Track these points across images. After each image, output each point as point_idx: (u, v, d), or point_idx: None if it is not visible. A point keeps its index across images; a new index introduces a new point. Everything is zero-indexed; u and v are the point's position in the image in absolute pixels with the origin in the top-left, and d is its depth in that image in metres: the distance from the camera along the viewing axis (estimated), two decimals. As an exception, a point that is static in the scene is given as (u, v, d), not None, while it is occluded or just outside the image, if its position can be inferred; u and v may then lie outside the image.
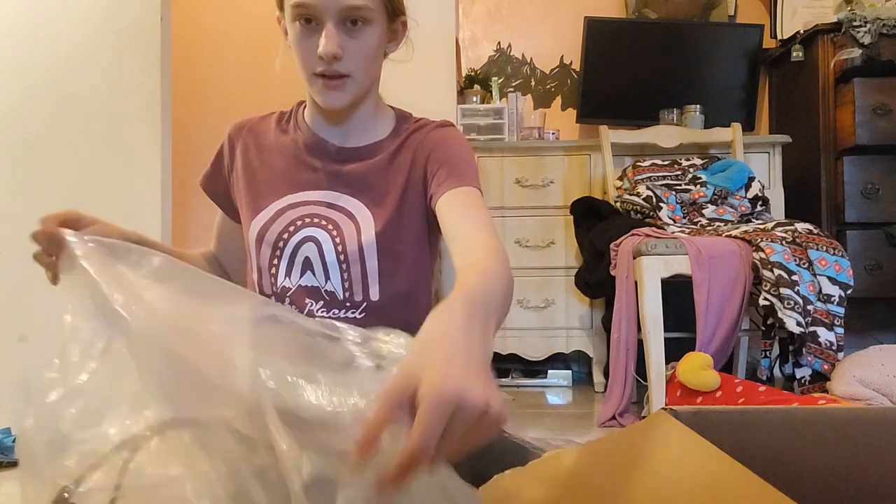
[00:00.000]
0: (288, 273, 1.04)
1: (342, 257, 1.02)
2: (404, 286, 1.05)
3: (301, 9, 0.97)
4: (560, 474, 0.49)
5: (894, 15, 2.50)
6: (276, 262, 1.05)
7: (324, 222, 1.04)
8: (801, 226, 2.09)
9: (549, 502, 0.47)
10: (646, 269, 2.03)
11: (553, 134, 2.92)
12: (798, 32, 2.75)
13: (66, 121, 1.91)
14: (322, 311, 1.03)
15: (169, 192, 1.95)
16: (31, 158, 1.93)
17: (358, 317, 1.03)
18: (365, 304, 1.03)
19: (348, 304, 1.03)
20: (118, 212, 2.06)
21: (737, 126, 2.63)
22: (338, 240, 1.03)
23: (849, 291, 1.99)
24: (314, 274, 1.03)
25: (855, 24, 2.51)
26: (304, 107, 1.12)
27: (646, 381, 2.05)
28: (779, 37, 2.98)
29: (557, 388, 2.72)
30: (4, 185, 1.92)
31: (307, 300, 1.03)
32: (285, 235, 1.04)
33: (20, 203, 1.91)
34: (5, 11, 1.93)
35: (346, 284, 1.03)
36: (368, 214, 1.04)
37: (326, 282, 1.03)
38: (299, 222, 1.04)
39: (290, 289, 1.04)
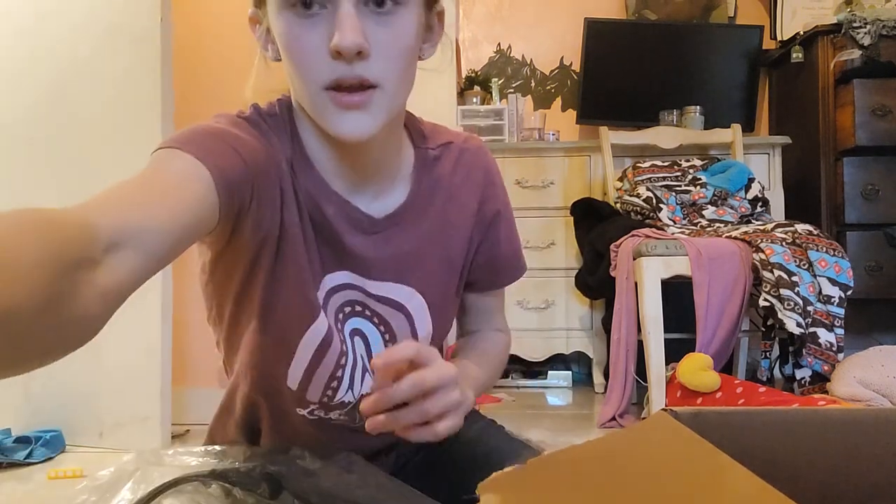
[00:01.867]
0: (351, 387, 0.81)
1: None
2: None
3: None
4: (558, 473, 0.49)
5: (894, 16, 2.50)
6: (339, 373, 0.80)
7: (368, 312, 0.80)
8: (801, 227, 2.09)
9: (547, 501, 0.47)
10: (646, 270, 2.03)
11: (553, 135, 2.92)
12: (798, 34, 2.76)
13: (68, 123, 1.91)
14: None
15: (169, 193, 1.94)
16: (32, 159, 1.93)
17: None
18: None
19: None
20: (118, 213, 2.06)
21: (736, 127, 2.63)
22: (387, 336, 0.81)
23: (849, 292, 1.99)
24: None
25: (855, 25, 2.51)
26: (301, 127, 0.76)
27: (646, 382, 2.05)
28: (778, 38, 2.98)
29: (557, 388, 2.72)
30: (6, 185, 1.93)
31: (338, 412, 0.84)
32: (341, 336, 0.79)
33: (21, 204, 1.91)
34: (4, 11, 1.93)
35: None
36: (421, 302, 0.81)
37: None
38: (339, 314, 0.79)
39: (350, 402, 0.83)
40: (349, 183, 0.76)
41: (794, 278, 1.94)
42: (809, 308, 1.93)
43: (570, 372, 2.80)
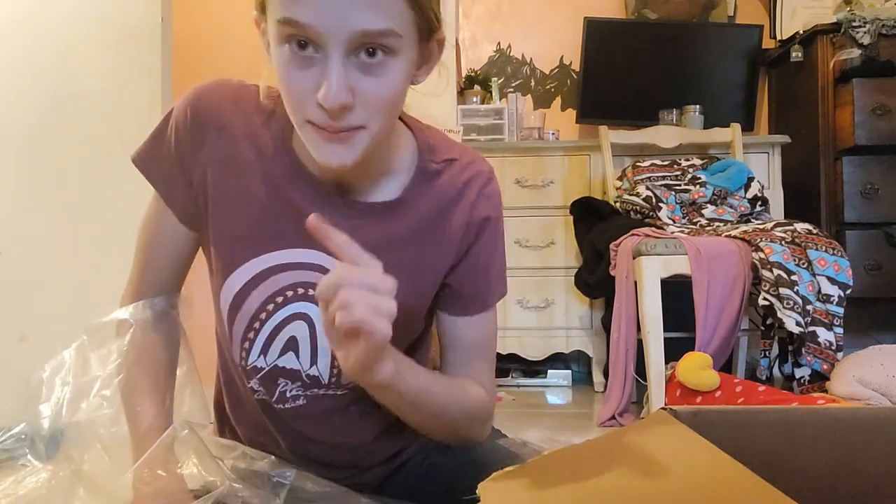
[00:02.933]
0: (264, 352, 0.83)
1: None
2: None
3: (291, 28, 0.65)
4: (558, 473, 0.49)
5: (893, 15, 2.50)
6: (251, 335, 0.83)
7: None
8: (800, 226, 2.09)
9: (547, 501, 0.47)
10: (645, 269, 2.03)
11: (553, 134, 2.93)
12: (797, 33, 2.76)
13: (67, 122, 1.91)
14: (297, 390, 0.84)
15: (169, 193, 1.94)
16: (31, 159, 1.93)
17: (338, 394, 0.85)
18: (351, 384, 0.84)
19: (332, 387, 0.85)
20: (119, 214, 2.07)
21: (736, 126, 2.63)
22: None
23: (848, 291, 1.99)
24: (298, 356, 0.83)
25: (854, 24, 2.51)
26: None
27: (645, 380, 2.05)
28: (778, 37, 2.98)
29: (557, 387, 2.72)
30: (4, 185, 1.93)
31: (281, 381, 0.84)
32: (270, 307, 0.81)
33: (20, 204, 1.91)
34: (5, 11, 1.93)
35: (335, 371, 0.84)
36: None
37: (311, 366, 0.83)
38: (289, 293, 0.81)
39: (263, 369, 0.84)
40: (330, 176, 0.80)
41: (794, 277, 1.94)
42: (809, 307, 1.93)
43: (569, 371, 2.80)
